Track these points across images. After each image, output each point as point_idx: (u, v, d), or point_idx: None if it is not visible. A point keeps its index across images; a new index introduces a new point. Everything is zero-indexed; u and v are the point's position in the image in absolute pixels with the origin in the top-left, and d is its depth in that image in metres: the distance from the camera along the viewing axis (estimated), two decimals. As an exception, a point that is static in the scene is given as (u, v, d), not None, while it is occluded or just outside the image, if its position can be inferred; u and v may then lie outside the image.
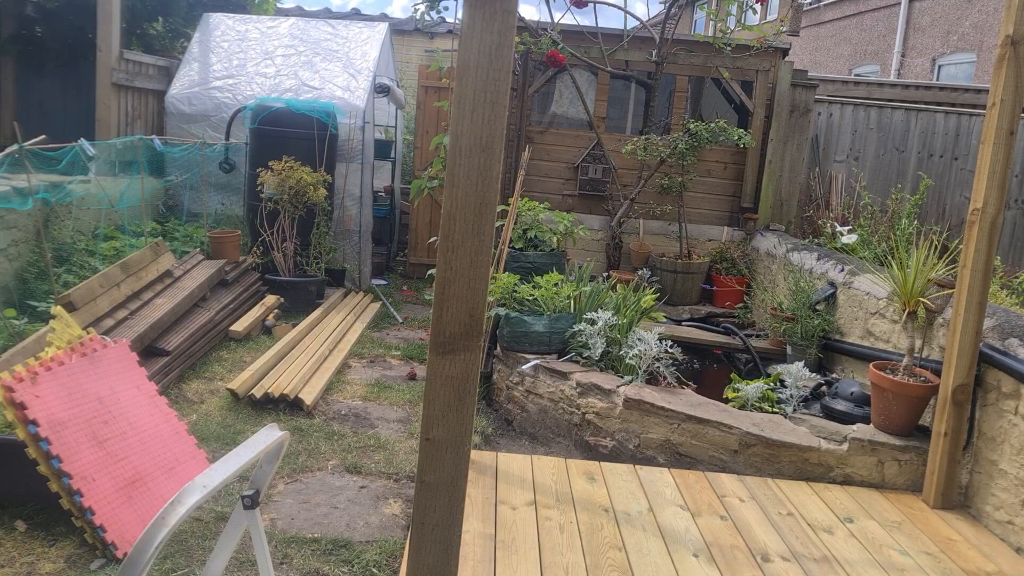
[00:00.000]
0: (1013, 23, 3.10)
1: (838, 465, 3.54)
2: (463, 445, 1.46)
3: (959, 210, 7.52)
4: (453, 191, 1.39)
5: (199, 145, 6.23)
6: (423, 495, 1.46)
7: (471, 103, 1.37)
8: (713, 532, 2.98)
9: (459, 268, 1.41)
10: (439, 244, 1.42)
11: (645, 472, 3.50)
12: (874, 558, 2.87)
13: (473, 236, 1.40)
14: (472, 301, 1.42)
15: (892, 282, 3.91)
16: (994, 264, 3.47)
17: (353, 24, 7.78)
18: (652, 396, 3.73)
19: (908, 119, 7.63)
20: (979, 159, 3.26)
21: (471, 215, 1.40)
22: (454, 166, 1.38)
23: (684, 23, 17.29)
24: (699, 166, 6.97)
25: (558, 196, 7.22)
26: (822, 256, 5.40)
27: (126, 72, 6.61)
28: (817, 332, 4.76)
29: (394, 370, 5.04)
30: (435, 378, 1.45)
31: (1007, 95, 3.14)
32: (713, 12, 7.15)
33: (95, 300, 4.20)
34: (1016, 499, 3.08)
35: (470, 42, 1.36)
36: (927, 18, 14.41)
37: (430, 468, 1.46)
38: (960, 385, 3.29)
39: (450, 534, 1.48)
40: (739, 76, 7.18)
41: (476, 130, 1.37)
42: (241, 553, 2.79)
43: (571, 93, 7.38)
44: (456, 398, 1.45)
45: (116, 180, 5.52)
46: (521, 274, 4.69)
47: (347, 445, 3.78)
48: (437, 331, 1.44)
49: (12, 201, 4.36)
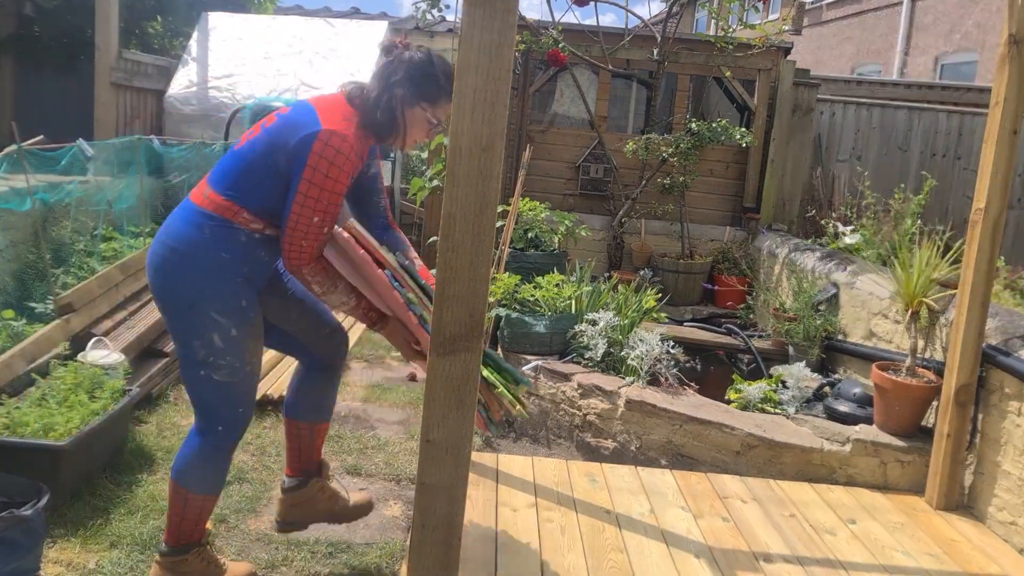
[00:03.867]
0: (1016, 22, 3.09)
1: (841, 466, 3.52)
2: (463, 447, 1.45)
3: (962, 210, 7.49)
4: (453, 191, 1.38)
5: (198, 145, 6.21)
6: (423, 497, 1.45)
7: (471, 102, 1.36)
8: (715, 534, 2.96)
9: (459, 268, 1.40)
10: (439, 244, 1.41)
11: (647, 474, 3.49)
12: (877, 560, 2.86)
13: (473, 236, 1.39)
14: (472, 301, 1.41)
15: (895, 282, 3.90)
16: (997, 264, 3.46)
17: (353, 23, 7.77)
18: (654, 397, 3.71)
19: (911, 118, 7.61)
20: (982, 159, 3.24)
21: (471, 215, 1.38)
22: (454, 166, 1.37)
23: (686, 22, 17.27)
24: (701, 166, 6.94)
25: (559, 196, 7.20)
26: (824, 256, 5.38)
27: (125, 72, 6.60)
28: (819, 332, 4.74)
29: (394, 371, 5.03)
30: (435, 379, 1.43)
31: (1010, 94, 3.12)
32: (715, 11, 7.14)
33: (94, 302, 4.19)
34: (1019, 500, 3.06)
35: (470, 41, 1.35)
36: (930, 17, 14.39)
37: (430, 470, 1.45)
38: (963, 386, 3.27)
39: (450, 536, 1.47)
40: (741, 75, 7.16)
41: (476, 129, 1.36)
42: (240, 555, 2.77)
43: (572, 92, 7.36)
44: (456, 399, 1.44)
45: (115, 180, 5.50)
46: (522, 274, 4.67)
47: (347, 446, 3.76)
48: (437, 331, 1.42)
49: (10, 202, 4.35)
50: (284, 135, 2.23)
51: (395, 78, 2.31)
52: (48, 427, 2.97)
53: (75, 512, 2.92)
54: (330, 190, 2.18)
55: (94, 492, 3.07)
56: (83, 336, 3.93)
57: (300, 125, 2.21)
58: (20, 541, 2.34)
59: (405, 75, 2.31)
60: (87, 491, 3.06)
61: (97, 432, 3.09)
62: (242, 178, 2.28)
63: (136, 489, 3.15)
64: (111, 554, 2.70)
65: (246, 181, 2.27)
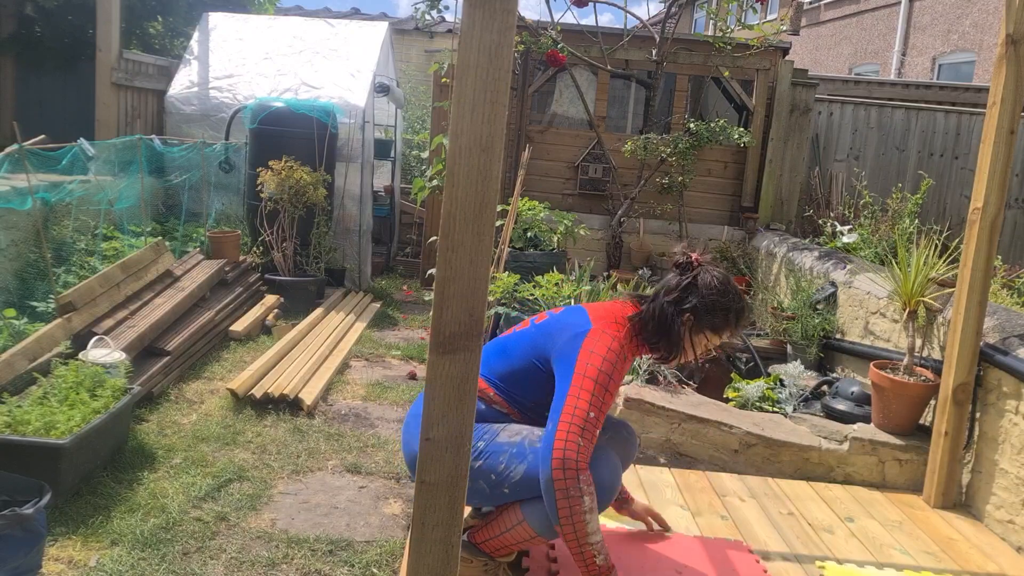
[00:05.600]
0: (1013, 22, 3.09)
1: (839, 465, 3.53)
2: (464, 445, 1.45)
3: (959, 209, 7.50)
4: (453, 191, 1.39)
5: (199, 145, 6.22)
6: (423, 495, 1.46)
7: (471, 102, 1.37)
8: (714, 531, 2.97)
9: (459, 268, 1.40)
10: (439, 244, 1.42)
11: (645, 472, 3.50)
12: (875, 557, 2.87)
13: (473, 236, 1.39)
14: (472, 301, 1.42)
15: (893, 281, 3.91)
16: (995, 263, 3.47)
17: (353, 23, 7.77)
18: (652, 396, 3.72)
19: (908, 118, 7.62)
20: (979, 158, 3.25)
21: (471, 215, 1.39)
22: (454, 166, 1.38)
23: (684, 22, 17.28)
24: (699, 165, 6.96)
25: (558, 195, 7.22)
26: (822, 255, 5.39)
27: (126, 72, 6.61)
28: (817, 331, 4.75)
29: (394, 370, 5.04)
30: (435, 378, 1.44)
31: (1007, 94, 3.13)
32: (713, 11, 7.15)
33: (95, 300, 4.20)
34: (1017, 498, 3.08)
35: (470, 41, 1.35)
36: (927, 17, 14.40)
37: (430, 468, 1.45)
38: (961, 384, 3.28)
39: (450, 534, 1.48)
40: (739, 75, 7.18)
41: (476, 129, 1.37)
42: (241, 553, 2.79)
43: (571, 92, 7.37)
44: (456, 398, 1.45)
45: (116, 180, 5.52)
46: (521, 274, 4.68)
47: (347, 445, 3.78)
48: (437, 331, 1.43)
49: (12, 201, 4.36)
50: (556, 330, 2.23)
51: (687, 305, 2.26)
52: (49, 425, 2.98)
53: (76, 510, 2.93)
54: (604, 386, 2.10)
55: (95, 490, 3.08)
56: (84, 335, 3.94)
57: (571, 325, 2.21)
58: (21, 539, 2.35)
59: (699, 304, 2.25)
60: (88, 489, 3.08)
61: (98, 430, 3.10)
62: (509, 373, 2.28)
63: (137, 487, 3.16)
64: (112, 552, 2.71)
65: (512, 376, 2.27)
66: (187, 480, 3.25)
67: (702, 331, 2.28)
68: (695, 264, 2.31)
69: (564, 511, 2.03)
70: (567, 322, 2.23)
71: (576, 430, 2.03)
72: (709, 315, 2.26)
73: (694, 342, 2.30)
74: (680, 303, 2.26)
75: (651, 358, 2.32)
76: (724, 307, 2.26)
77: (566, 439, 2.02)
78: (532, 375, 2.25)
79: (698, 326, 2.27)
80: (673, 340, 2.26)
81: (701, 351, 2.33)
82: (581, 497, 2.02)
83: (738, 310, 2.30)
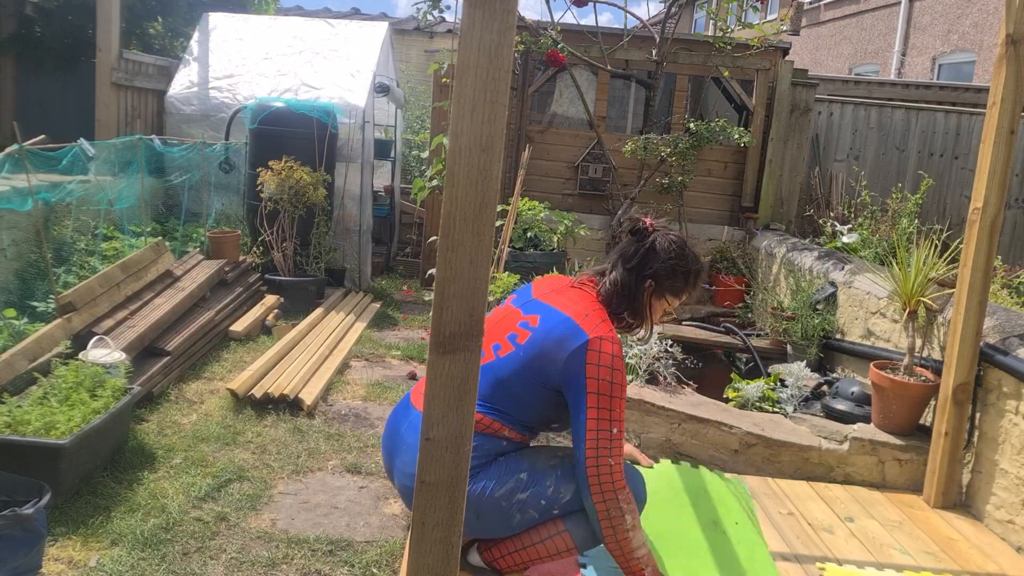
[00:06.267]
0: (1013, 22, 3.10)
1: (839, 465, 3.53)
2: (464, 445, 1.45)
3: (959, 209, 7.51)
4: (453, 191, 1.39)
5: (199, 145, 6.22)
6: (423, 495, 1.46)
7: (471, 102, 1.37)
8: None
9: (459, 268, 1.40)
10: (439, 244, 1.42)
11: (646, 472, 3.50)
12: (875, 557, 2.87)
13: (473, 236, 1.39)
14: (472, 301, 1.42)
15: (892, 281, 3.91)
16: (995, 263, 3.47)
17: (353, 23, 7.77)
18: (652, 396, 3.72)
19: (908, 118, 7.62)
20: (979, 158, 3.25)
21: (471, 215, 1.39)
22: (454, 166, 1.38)
23: (684, 22, 17.29)
24: (699, 165, 6.96)
25: (558, 195, 7.22)
26: (822, 255, 5.39)
27: (126, 72, 6.61)
28: (817, 331, 4.76)
29: (394, 370, 5.04)
30: (435, 378, 1.44)
31: (1007, 94, 3.14)
32: (713, 11, 7.15)
33: (95, 300, 4.20)
34: (1017, 499, 3.08)
35: (470, 41, 1.35)
36: (927, 17, 14.40)
37: (430, 468, 1.45)
38: (961, 384, 3.28)
39: (451, 534, 1.48)
40: (739, 75, 7.18)
41: (476, 129, 1.37)
42: (241, 553, 2.79)
43: (571, 92, 7.37)
44: (456, 398, 1.45)
45: (116, 180, 5.52)
46: (521, 274, 4.68)
47: (347, 445, 3.78)
48: (437, 331, 1.43)
49: (12, 201, 4.36)
50: (549, 350, 2.14)
51: (648, 271, 2.25)
52: (49, 425, 2.98)
53: (76, 510, 2.93)
54: (618, 396, 2.10)
55: (95, 490, 3.08)
56: (84, 335, 3.94)
57: (564, 339, 2.13)
58: (21, 539, 2.35)
59: (659, 269, 2.25)
60: (88, 489, 3.08)
61: (98, 430, 3.10)
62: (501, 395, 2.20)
63: (137, 487, 3.16)
64: (112, 552, 2.71)
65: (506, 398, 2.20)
66: (187, 480, 3.25)
67: (663, 296, 2.30)
68: (650, 229, 2.32)
69: (608, 531, 2.14)
70: (558, 336, 2.15)
71: (604, 452, 2.08)
72: (670, 279, 2.28)
73: (654, 308, 2.31)
74: (641, 269, 2.27)
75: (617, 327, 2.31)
76: (684, 270, 2.29)
77: (597, 463, 2.08)
78: (536, 395, 2.20)
79: (659, 291, 2.29)
80: (637, 309, 2.28)
81: (660, 315, 2.35)
82: (623, 516, 2.12)
83: (696, 271, 2.33)
